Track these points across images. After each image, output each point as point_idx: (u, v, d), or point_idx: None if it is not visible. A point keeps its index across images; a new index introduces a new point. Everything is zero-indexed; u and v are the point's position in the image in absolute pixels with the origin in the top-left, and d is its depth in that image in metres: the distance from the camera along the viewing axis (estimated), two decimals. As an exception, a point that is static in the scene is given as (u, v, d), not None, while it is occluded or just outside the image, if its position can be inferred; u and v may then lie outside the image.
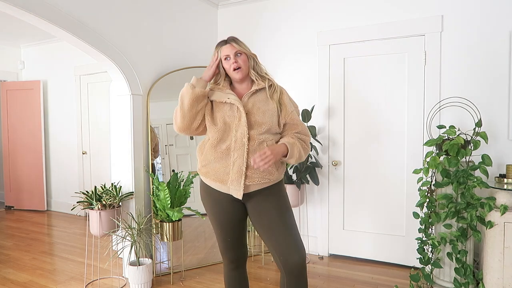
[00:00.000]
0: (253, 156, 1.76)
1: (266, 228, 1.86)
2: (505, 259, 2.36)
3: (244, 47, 1.89)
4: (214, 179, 1.86)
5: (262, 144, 1.82)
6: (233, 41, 1.89)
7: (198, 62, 3.67)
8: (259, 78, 1.89)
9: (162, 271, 3.18)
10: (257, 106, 1.85)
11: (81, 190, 4.50)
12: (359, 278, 3.10)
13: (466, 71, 2.98)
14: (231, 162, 1.81)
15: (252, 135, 1.81)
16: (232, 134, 1.82)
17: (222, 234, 1.96)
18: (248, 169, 1.81)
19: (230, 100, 1.83)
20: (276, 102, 1.87)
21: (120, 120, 3.11)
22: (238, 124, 1.81)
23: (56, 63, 5.40)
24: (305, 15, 3.60)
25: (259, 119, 1.83)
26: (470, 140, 2.55)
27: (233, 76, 1.89)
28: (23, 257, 3.65)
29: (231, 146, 1.82)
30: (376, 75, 3.33)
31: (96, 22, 2.81)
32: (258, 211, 1.87)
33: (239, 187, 1.81)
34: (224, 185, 1.84)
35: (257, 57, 1.93)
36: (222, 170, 1.84)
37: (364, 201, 3.44)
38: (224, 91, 1.88)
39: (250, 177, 1.81)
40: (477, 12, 2.93)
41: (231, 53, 1.86)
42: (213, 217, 1.96)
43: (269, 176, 1.84)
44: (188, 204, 3.06)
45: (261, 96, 1.88)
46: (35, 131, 5.47)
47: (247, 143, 1.79)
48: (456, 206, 2.48)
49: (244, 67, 1.88)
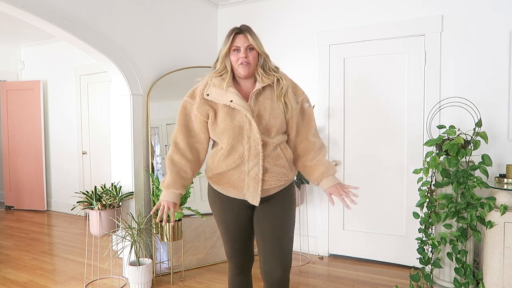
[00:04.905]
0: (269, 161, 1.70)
1: (262, 233, 1.82)
2: (505, 259, 2.36)
3: (258, 42, 1.71)
4: (227, 186, 1.76)
5: (277, 148, 1.73)
6: (248, 32, 1.70)
7: (198, 62, 3.67)
8: (264, 75, 1.72)
9: (162, 271, 3.18)
10: (265, 106, 1.71)
11: (81, 190, 4.49)
12: (359, 278, 3.10)
13: (466, 71, 2.98)
14: (246, 170, 1.71)
15: (266, 141, 1.70)
16: (245, 142, 1.69)
17: (230, 241, 1.89)
18: (265, 174, 1.72)
19: (234, 105, 1.67)
20: (282, 99, 1.73)
21: (120, 120, 3.11)
22: (249, 130, 1.68)
23: (56, 63, 5.40)
24: (305, 15, 3.60)
25: (270, 121, 1.70)
26: (470, 140, 2.55)
27: (238, 71, 1.71)
28: (23, 257, 3.64)
29: (244, 155, 1.70)
30: (376, 75, 3.33)
31: (96, 22, 2.81)
32: (263, 215, 1.81)
33: (256, 194, 1.72)
34: (239, 191, 1.75)
35: (268, 57, 1.77)
36: (236, 177, 1.73)
37: (364, 201, 3.43)
38: (226, 89, 1.70)
39: (267, 181, 1.73)
40: (477, 12, 2.93)
41: (243, 46, 1.68)
42: (223, 223, 1.87)
43: (284, 177, 1.77)
44: (188, 204, 3.06)
45: (268, 94, 1.74)
46: (35, 131, 5.47)
47: (262, 151, 1.68)
48: (456, 206, 2.48)
49: (253, 63, 1.71)
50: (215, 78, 1.73)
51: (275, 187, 1.76)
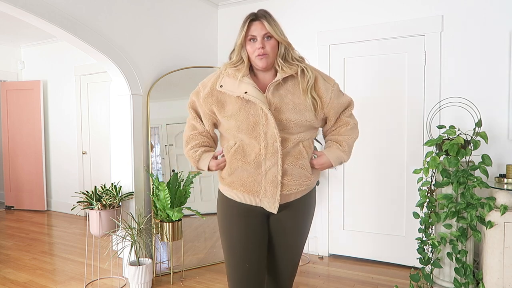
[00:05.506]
0: (288, 161, 1.51)
1: (275, 247, 1.67)
2: (505, 259, 2.36)
3: (277, 29, 1.50)
4: (242, 190, 1.55)
5: (298, 145, 1.53)
6: (265, 19, 1.49)
7: (198, 62, 3.67)
8: (285, 66, 1.52)
9: (162, 271, 3.18)
10: (286, 100, 1.51)
11: (81, 190, 4.49)
12: (359, 278, 3.10)
13: (466, 71, 2.98)
14: (263, 171, 1.52)
15: (285, 137, 1.50)
16: (261, 138, 1.49)
17: (240, 259, 1.60)
18: (284, 177, 1.52)
19: (249, 97, 1.47)
20: (309, 93, 1.52)
21: (120, 120, 3.11)
22: (266, 125, 1.48)
23: (56, 63, 5.40)
24: (305, 15, 3.60)
25: (291, 116, 1.50)
26: (470, 140, 2.55)
27: (256, 63, 1.52)
28: (23, 257, 3.64)
29: (261, 153, 1.50)
30: (376, 75, 3.33)
31: (96, 22, 2.81)
32: (281, 227, 1.64)
33: (274, 200, 1.52)
34: (255, 196, 1.55)
35: (291, 45, 1.55)
36: (252, 179, 1.53)
37: (364, 201, 3.43)
38: (241, 80, 1.51)
39: (287, 185, 1.53)
40: (477, 12, 2.93)
41: (259, 35, 1.48)
42: (233, 238, 1.61)
43: (306, 181, 1.57)
44: (188, 204, 3.06)
45: (290, 86, 1.53)
46: (35, 131, 5.47)
47: (281, 148, 1.49)
48: (456, 206, 2.48)
49: (271, 54, 1.51)
50: (230, 69, 1.56)
51: (295, 193, 1.57)
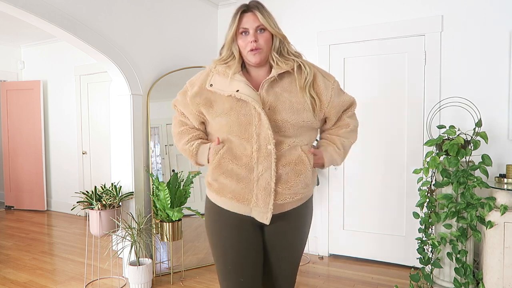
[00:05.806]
0: (284, 166, 1.36)
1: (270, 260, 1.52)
2: (505, 259, 2.36)
3: (270, 21, 1.37)
4: (231, 197, 1.40)
5: (295, 149, 1.39)
6: (257, 10, 1.37)
7: (198, 62, 3.67)
8: (281, 60, 1.39)
9: (162, 271, 3.18)
10: (282, 99, 1.37)
11: (81, 190, 4.49)
12: (359, 278, 3.10)
13: (466, 71, 2.98)
14: (255, 177, 1.36)
15: (280, 139, 1.36)
16: (254, 140, 1.34)
17: (232, 273, 1.44)
18: (278, 184, 1.36)
19: (240, 96, 1.34)
20: (307, 91, 1.38)
21: (120, 120, 3.11)
22: (259, 126, 1.34)
23: (56, 63, 5.40)
24: (305, 15, 3.60)
25: (287, 116, 1.36)
26: (470, 140, 2.55)
27: (248, 58, 1.39)
28: (23, 257, 3.64)
29: (253, 157, 1.35)
30: (376, 75, 3.33)
31: (96, 22, 2.81)
32: (276, 240, 1.49)
33: (266, 209, 1.37)
34: (245, 205, 1.39)
35: (286, 39, 1.42)
36: (242, 186, 1.38)
37: (364, 201, 3.43)
38: (233, 77, 1.38)
39: (281, 194, 1.37)
40: (477, 12, 2.93)
41: (252, 27, 1.36)
42: (223, 249, 1.45)
43: (303, 189, 1.42)
44: (188, 204, 3.06)
45: (286, 83, 1.40)
46: (35, 131, 5.47)
47: (274, 151, 1.34)
48: (456, 206, 2.48)
49: (265, 48, 1.37)
50: (219, 66, 1.43)
51: (291, 202, 1.42)
